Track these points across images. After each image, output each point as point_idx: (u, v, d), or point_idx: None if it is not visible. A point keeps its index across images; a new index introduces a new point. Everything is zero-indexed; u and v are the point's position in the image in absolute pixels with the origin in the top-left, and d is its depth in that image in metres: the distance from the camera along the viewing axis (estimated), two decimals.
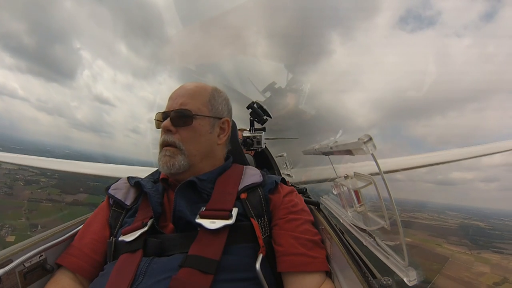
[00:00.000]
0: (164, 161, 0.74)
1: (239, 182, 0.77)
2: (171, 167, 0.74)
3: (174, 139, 0.75)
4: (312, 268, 0.64)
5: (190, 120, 0.76)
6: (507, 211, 20.61)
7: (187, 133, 0.76)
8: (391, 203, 0.62)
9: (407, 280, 0.55)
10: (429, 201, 9.44)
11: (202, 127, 0.78)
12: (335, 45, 5.10)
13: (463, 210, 17.07)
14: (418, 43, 16.20)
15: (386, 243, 0.67)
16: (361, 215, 0.82)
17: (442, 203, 14.36)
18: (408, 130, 19.96)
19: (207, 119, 0.80)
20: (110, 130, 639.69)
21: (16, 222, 13.43)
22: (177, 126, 0.76)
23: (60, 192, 15.52)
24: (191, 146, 0.76)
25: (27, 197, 14.96)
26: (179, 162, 0.74)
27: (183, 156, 0.75)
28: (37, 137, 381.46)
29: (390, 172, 4.13)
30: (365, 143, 0.63)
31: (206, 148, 0.80)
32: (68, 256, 0.70)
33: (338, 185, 0.97)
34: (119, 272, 0.59)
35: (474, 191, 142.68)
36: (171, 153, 0.75)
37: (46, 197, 15.32)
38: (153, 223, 0.67)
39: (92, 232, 0.74)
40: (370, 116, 5.97)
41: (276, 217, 0.72)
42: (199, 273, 0.55)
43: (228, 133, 0.87)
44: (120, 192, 0.79)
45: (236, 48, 4.83)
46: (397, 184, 0.63)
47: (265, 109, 1.76)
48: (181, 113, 0.76)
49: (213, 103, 0.82)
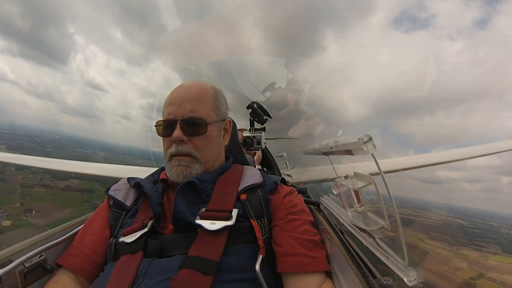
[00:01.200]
0: (180, 170, 0.72)
1: (239, 183, 0.76)
2: (188, 176, 0.73)
3: (189, 149, 0.73)
4: (312, 269, 0.64)
5: (204, 129, 0.74)
6: (489, 211, 21.20)
7: (200, 142, 0.75)
8: (391, 203, 0.62)
9: (407, 280, 0.55)
10: (414, 198, 9.72)
11: (214, 133, 0.77)
12: (328, 41, 5.15)
13: (447, 208, 17.62)
14: (411, 43, 16.23)
15: (386, 243, 0.67)
16: (361, 215, 0.82)
17: (427, 200, 15.00)
18: (398, 128, 19.82)
19: (216, 124, 0.79)
20: (100, 116, 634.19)
21: (10, 207, 13.44)
22: (189, 135, 0.73)
23: (52, 178, 15.47)
24: (205, 154, 0.76)
25: (19, 182, 14.93)
26: (196, 170, 0.74)
27: (199, 164, 0.74)
28: (25, 121, 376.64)
29: (390, 172, 4.13)
30: (365, 143, 0.63)
31: (217, 152, 0.81)
32: (68, 257, 0.70)
33: (338, 185, 0.97)
34: (120, 273, 0.59)
35: (459, 191, 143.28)
36: (186, 163, 0.73)
37: (38, 183, 15.30)
38: (153, 224, 0.67)
39: (92, 232, 0.74)
40: (361, 112, 6.01)
41: (276, 218, 0.72)
42: (199, 274, 0.55)
43: (230, 133, 0.87)
44: (120, 193, 0.79)
45: (231, 39, 4.82)
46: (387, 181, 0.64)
47: (265, 109, 1.76)
48: (193, 121, 0.73)
49: (218, 106, 0.81)
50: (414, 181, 6.90)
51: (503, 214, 19.58)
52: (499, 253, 12.12)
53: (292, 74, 3.72)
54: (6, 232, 11.56)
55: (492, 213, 19.73)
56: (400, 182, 3.95)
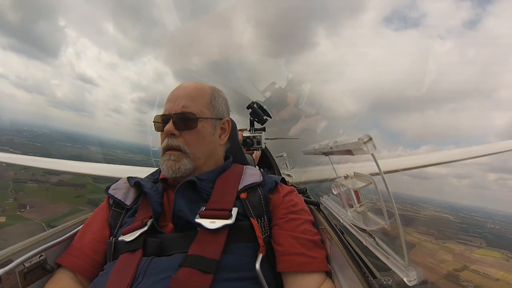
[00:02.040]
0: (169, 165, 0.74)
1: (239, 182, 0.77)
2: (177, 171, 0.73)
3: (179, 143, 0.75)
4: (312, 268, 0.64)
5: (194, 124, 0.76)
6: (476, 206, 21.75)
7: (191, 137, 0.76)
8: (391, 203, 0.62)
9: (407, 280, 0.54)
10: (403, 193, 10.00)
11: (206, 129, 0.78)
12: (320, 38, 5.16)
13: (435, 204, 18.15)
14: (402, 42, 16.17)
15: (386, 243, 0.67)
16: (361, 215, 0.82)
17: (416, 195, 15.70)
18: (386, 123, 19.91)
19: (210, 121, 0.80)
20: (91, 110, 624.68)
21: (4, 203, 13.42)
22: (180, 130, 0.75)
23: (44, 173, 15.38)
24: (195, 149, 0.76)
25: (11, 178, 14.88)
26: (185, 165, 0.74)
27: (188, 160, 0.75)
28: (14, 115, 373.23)
29: (390, 172, 4.13)
30: (365, 143, 0.63)
31: (210, 150, 0.80)
32: (68, 256, 0.70)
33: (338, 185, 0.97)
34: (119, 272, 0.59)
35: (447, 186, 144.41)
36: (176, 157, 0.74)
37: (30, 178, 15.24)
38: (153, 223, 0.67)
39: (92, 232, 0.74)
40: (351, 107, 6.02)
41: (276, 217, 0.72)
42: (199, 272, 0.55)
43: (228, 133, 0.87)
44: (120, 192, 0.79)
45: (223, 36, 4.81)
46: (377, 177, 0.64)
47: (265, 109, 1.76)
48: (184, 116, 0.76)
49: (214, 104, 0.82)
50: (403, 177, 6.93)
51: (489, 210, 20.06)
52: (483, 246, 12.81)
53: (287, 71, 3.71)
54: (1, 228, 11.53)
55: (478, 209, 20.21)
56: (391, 177, 4.01)
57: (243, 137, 1.76)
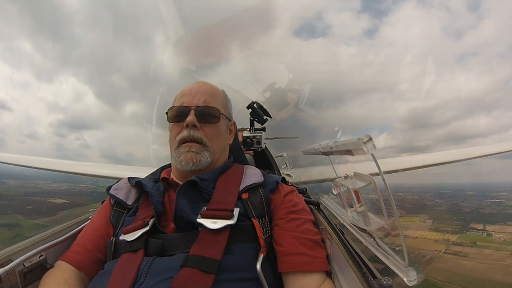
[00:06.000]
0: (189, 157, 0.73)
1: (240, 182, 0.77)
2: (198, 163, 0.73)
3: (201, 135, 0.75)
4: (313, 268, 0.64)
5: (216, 119, 0.78)
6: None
7: (211, 131, 0.77)
8: (391, 203, 0.61)
9: (407, 280, 0.54)
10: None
11: (223, 126, 0.81)
12: (234, 52, 5.23)
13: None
14: (312, 50, 15.99)
15: (386, 243, 0.67)
16: (361, 215, 0.82)
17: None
18: (305, 121, 19.73)
19: (225, 120, 0.83)
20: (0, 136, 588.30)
21: None
22: (202, 123, 0.76)
23: None
24: (214, 144, 0.77)
25: None
26: (205, 158, 0.75)
27: (209, 153, 0.76)
28: None
29: (390, 172, 4.13)
30: (365, 143, 0.63)
31: (223, 147, 0.83)
32: (70, 253, 0.71)
33: (338, 185, 0.97)
34: (121, 272, 0.59)
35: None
36: (197, 149, 0.74)
37: None
38: (155, 223, 0.67)
39: (95, 230, 0.75)
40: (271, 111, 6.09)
41: (276, 217, 0.72)
42: (201, 272, 0.55)
43: (234, 134, 0.91)
44: (121, 192, 0.79)
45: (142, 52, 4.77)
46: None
47: (265, 109, 1.76)
48: (208, 110, 0.77)
49: (227, 106, 0.86)
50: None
51: (410, 185, 22.58)
52: (403, 215, 15.01)
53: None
54: None
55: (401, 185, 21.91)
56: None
57: (243, 137, 1.76)
